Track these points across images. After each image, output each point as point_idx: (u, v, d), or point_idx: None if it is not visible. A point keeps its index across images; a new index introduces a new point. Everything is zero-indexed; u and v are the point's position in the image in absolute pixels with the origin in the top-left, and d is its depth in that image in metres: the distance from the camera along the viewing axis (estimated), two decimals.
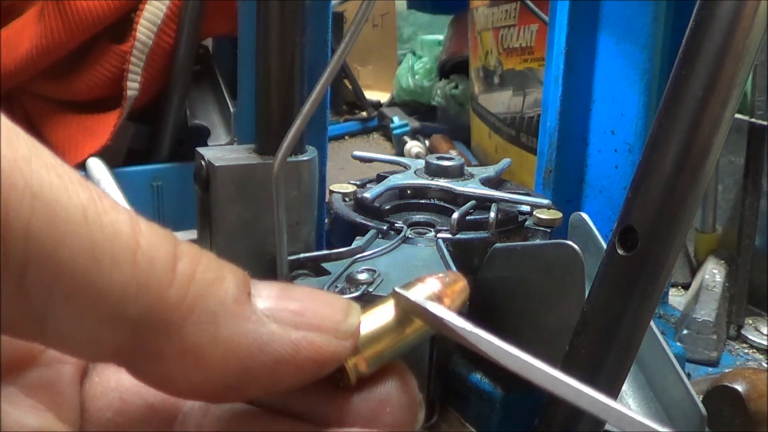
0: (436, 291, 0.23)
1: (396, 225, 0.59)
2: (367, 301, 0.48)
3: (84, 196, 0.19)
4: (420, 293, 0.23)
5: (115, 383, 0.24)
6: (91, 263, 0.18)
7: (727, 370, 0.67)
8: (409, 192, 0.64)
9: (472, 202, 0.61)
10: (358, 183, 0.67)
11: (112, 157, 0.98)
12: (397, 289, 0.23)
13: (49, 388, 0.23)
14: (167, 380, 0.20)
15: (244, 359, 0.20)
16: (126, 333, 0.19)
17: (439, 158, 0.66)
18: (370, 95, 1.78)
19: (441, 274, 0.24)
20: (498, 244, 0.55)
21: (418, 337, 0.23)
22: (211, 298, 0.20)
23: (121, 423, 0.24)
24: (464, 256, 0.56)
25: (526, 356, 0.22)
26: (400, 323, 0.23)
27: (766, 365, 0.78)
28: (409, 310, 0.23)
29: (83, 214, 0.18)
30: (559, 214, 0.61)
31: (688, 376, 0.61)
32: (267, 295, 0.21)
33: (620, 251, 0.37)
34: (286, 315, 0.21)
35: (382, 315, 0.23)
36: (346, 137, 1.64)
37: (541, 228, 0.61)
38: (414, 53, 1.79)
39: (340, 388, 0.23)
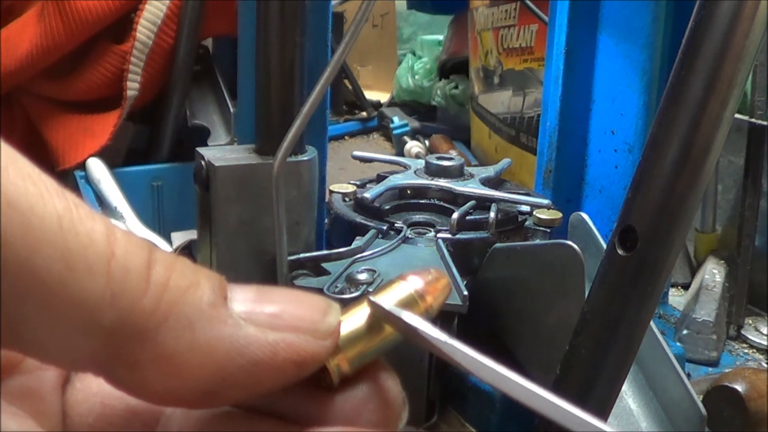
0: (418, 289, 0.23)
1: (396, 225, 0.59)
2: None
3: (60, 204, 0.19)
4: (402, 291, 0.23)
5: (97, 388, 0.24)
6: (65, 272, 0.18)
7: (727, 370, 0.67)
8: (409, 192, 0.64)
9: (472, 202, 0.61)
10: (358, 183, 0.67)
11: (112, 157, 0.98)
12: (371, 298, 0.23)
13: (31, 395, 0.23)
14: (145, 388, 0.20)
15: (221, 363, 0.20)
16: (101, 341, 0.19)
17: (439, 158, 0.66)
18: (370, 95, 1.78)
19: (423, 272, 0.24)
20: (498, 244, 0.55)
21: (400, 335, 0.23)
22: (185, 305, 0.20)
23: (103, 428, 0.24)
24: (464, 256, 0.56)
25: (502, 369, 0.22)
26: (380, 323, 0.23)
27: (766, 365, 0.78)
28: (382, 319, 0.23)
29: (58, 223, 0.18)
30: (559, 214, 0.61)
31: (688, 376, 0.61)
32: (243, 299, 0.21)
33: (620, 251, 0.37)
34: (263, 317, 0.21)
35: (364, 314, 0.23)
36: (346, 137, 1.64)
37: (541, 228, 0.61)
38: (414, 53, 1.79)
39: (322, 388, 0.23)
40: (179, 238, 0.93)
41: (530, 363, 0.52)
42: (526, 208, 0.63)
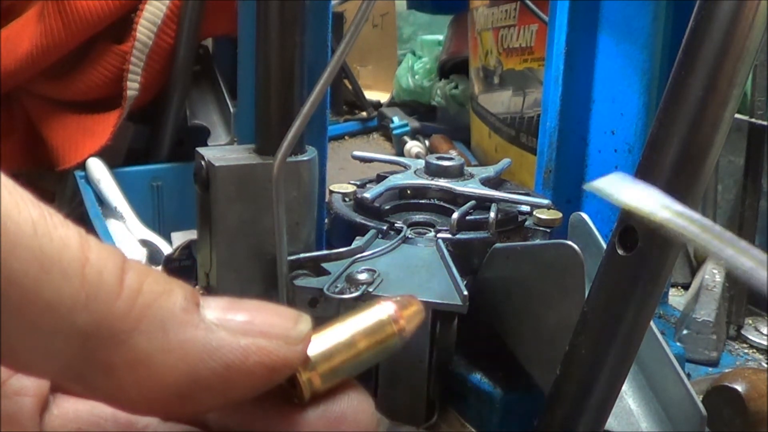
0: (391, 313, 0.24)
1: (396, 225, 0.59)
2: (367, 301, 0.48)
3: (35, 212, 0.19)
4: (375, 315, 0.24)
5: (74, 415, 0.24)
6: (40, 275, 0.19)
7: (727, 370, 0.67)
8: (409, 192, 0.64)
9: (472, 202, 0.61)
10: (358, 183, 0.67)
11: (112, 157, 0.98)
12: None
13: (8, 421, 0.23)
14: (120, 393, 0.20)
15: (194, 366, 0.20)
16: (76, 345, 0.19)
17: (439, 158, 0.66)
18: (370, 95, 1.78)
19: (397, 297, 0.24)
20: (498, 244, 0.55)
21: (373, 354, 0.24)
22: (159, 309, 0.20)
23: None
24: (464, 256, 0.56)
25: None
26: (354, 340, 0.23)
27: (766, 365, 0.78)
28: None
29: (33, 228, 0.19)
30: (559, 214, 0.61)
31: (688, 376, 0.61)
32: (215, 306, 0.22)
33: (620, 251, 0.37)
34: (235, 324, 0.21)
35: (338, 331, 0.24)
36: (346, 137, 1.64)
37: (541, 228, 0.61)
38: (414, 53, 1.79)
39: (293, 405, 0.23)
40: (179, 238, 0.93)
41: (530, 363, 0.52)
42: (526, 208, 0.63)
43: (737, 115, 0.72)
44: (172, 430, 0.24)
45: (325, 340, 0.23)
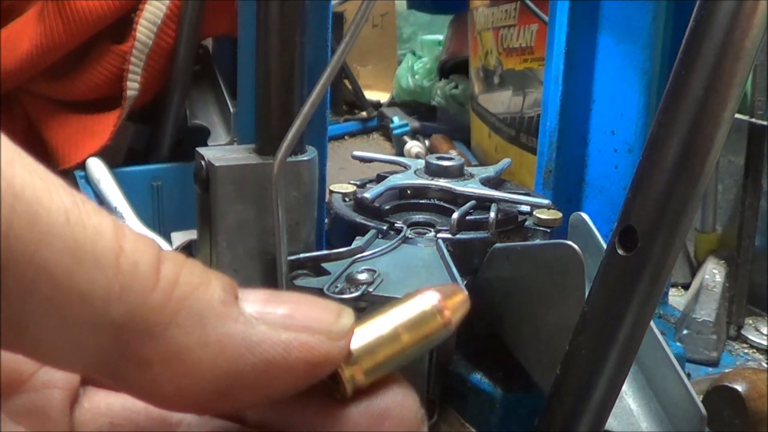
0: (435, 303, 0.23)
1: (396, 225, 0.59)
2: (367, 300, 0.48)
3: (67, 200, 0.19)
4: (419, 306, 0.23)
5: (105, 408, 0.24)
6: (73, 265, 0.18)
7: (727, 370, 0.67)
8: (409, 192, 0.64)
9: (472, 202, 0.61)
10: (358, 183, 0.67)
11: (112, 157, 0.98)
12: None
13: (37, 414, 0.23)
14: (154, 388, 0.20)
15: (233, 362, 0.20)
16: (109, 338, 0.19)
17: (439, 158, 0.66)
18: (370, 95, 1.78)
19: (440, 286, 0.23)
20: (498, 244, 0.55)
21: (418, 347, 0.23)
22: (196, 301, 0.20)
23: None
24: (464, 256, 0.56)
25: None
26: (398, 332, 0.23)
27: (766, 365, 0.78)
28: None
29: (66, 216, 0.18)
30: (559, 214, 0.61)
31: (688, 376, 0.61)
32: (255, 299, 0.21)
33: (620, 251, 0.37)
34: (276, 317, 0.21)
35: (381, 324, 0.23)
36: (346, 137, 1.64)
37: (541, 228, 0.61)
38: (414, 53, 1.79)
39: (335, 401, 0.22)
40: (179, 238, 0.93)
41: (530, 363, 0.52)
42: (526, 208, 0.63)
43: (737, 115, 0.72)
44: (208, 426, 0.23)
45: (368, 334, 0.22)
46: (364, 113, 1.70)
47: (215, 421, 0.23)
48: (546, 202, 0.62)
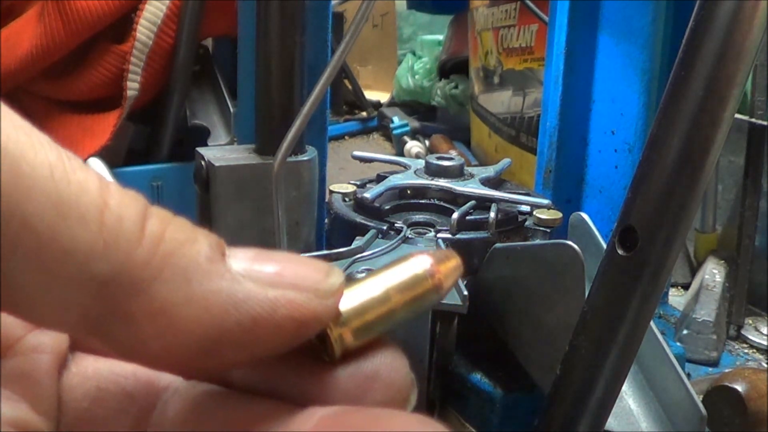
0: (427, 267, 0.23)
1: (396, 225, 0.59)
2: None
3: (52, 155, 0.18)
4: (411, 269, 0.23)
5: (93, 372, 0.24)
6: (57, 220, 0.18)
7: (727, 370, 0.67)
8: (409, 192, 0.64)
9: (472, 202, 0.61)
10: (358, 183, 0.67)
11: (112, 157, 0.98)
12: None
13: (25, 378, 0.22)
14: (139, 345, 0.19)
15: (218, 318, 0.19)
16: (93, 293, 0.19)
17: (439, 158, 0.66)
18: (370, 95, 1.78)
19: (432, 250, 0.23)
20: (498, 244, 0.55)
21: (408, 310, 0.23)
22: (182, 257, 0.19)
23: (98, 413, 0.23)
24: (464, 256, 0.56)
25: None
26: (389, 295, 0.22)
27: (766, 365, 0.78)
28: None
29: (50, 171, 0.18)
30: (559, 214, 0.61)
31: (688, 376, 0.61)
32: (243, 257, 0.21)
33: (620, 251, 0.37)
34: (263, 275, 0.21)
35: (371, 286, 0.23)
36: (346, 137, 1.64)
37: (541, 228, 0.61)
38: (414, 53, 1.79)
39: (323, 363, 0.22)
40: None
41: (530, 363, 0.52)
42: (526, 208, 0.63)
43: (737, 115, 0.72)
44: (196, 390, 0.23)
45: (358, 295, 0.22)
46: (364, 113, 1.70)
47: (202, 385, 0.23)
48: (546, 202, 0.62)
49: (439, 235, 0.58)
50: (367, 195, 0.60)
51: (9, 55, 0.96)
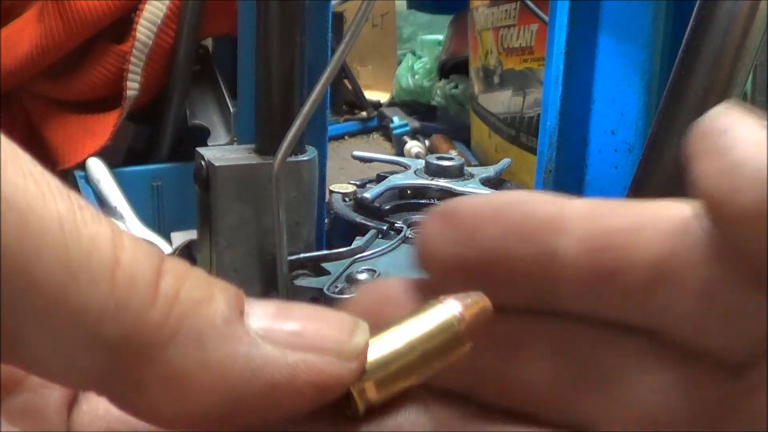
0: (455, 314, 0.21)
1: (396, 225, 0.59)
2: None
3: (62, 206, 0.17)
4: (437, 317, 0.21)
5: (104, 411, 0.22)
6: (66, 280, 0.17)
7: None
8: (409, 192, 0.64)
9: None
10: (358, 183, 0.67)
11: (112, 157, 0.98)
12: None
13: (33, 415, 0.22)
14: (152, 410, 0.18)
15: (235, 385, 0.18)
16: (104, 358, 0.18)
17: (439, 158, 0.66)
18: (370, 95, 1.77)
19: (461, 294, 0.21)
20: None
21: (436, 363, 0.21)
22: (197, 319, 0.18)
23: None
24: None
25: None
26: (414, 345, 0.21)
27: None
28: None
29: (60, 226, 0.17)
30: None
31: None
32: (262, 314, 0.19)
33: None
34: (283, 335, 0.19)
35: (396, 337, 0.21)
36: (346, 137, 1.64)
37: None
38: (414, 53, 1.79)
39: (346, 418, 0.20)
40: (179, 238, 0.93)
41: None
42: None
43: None
44: None
45: (381, 346, 0.21)
46: (364, 113, 1.70)
47: None
48: None
49: None
50: (367, 195, 0.60)
51: (9, 55, 0.96)
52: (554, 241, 0.20)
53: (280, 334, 0.19)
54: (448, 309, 0.21)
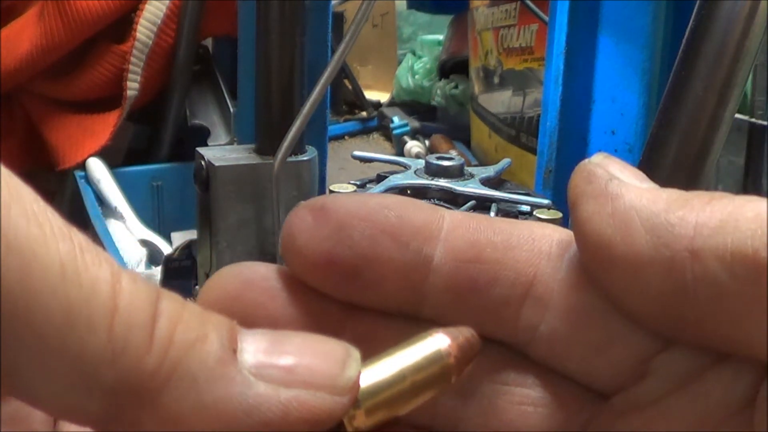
0: (444, 347, 0.21)
1: None
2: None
3: (64, 249, 0.17)
4: (426, 349, 0.22)
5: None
6: (65, 325, 0.17)
7: None
8: (409, 192, 0.64)
9: (472, 202, 0.61)
10: (358, 183, 0.67)
11: (112, 157, 0.98)
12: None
13: (21, 422, 0.22)
14: None
15: (229, 425, 0.19)
16: (102, 400, 0.18)
17: (439, 158, 0.66)
18: (370, 95, 1.78)
19: (452, 329, 0.22)
20: None
21: (424, 392, 0.22)
22: (191, 361, 0.19)
23: None
24: None
25: None
26: (404, 375, 0.21)
27: None
28: None
29: (61, 271, 0.17)
30: (559, 214, 0.61)
31: None
32: (255, 350, 0.20)
33: None
34: (276, 372, 0.20)
35: (385, 366, 0.22)
36: (346, 137, 1.64)
37: None
38: (414, 53, 1.79)
39: None
40: (179, 238, 0.93)
41: None
42: (526, 208, 0.63)
43: (737, 115, 0.72)
44: None
45: (372, 374, 0.21)
46: (364, 113, 1.70)
47: None
48: (546, 202, 0.62)
49: None
50: None
51: (9, 55, 0.96)
52: (428, 249, 0.21)
53: (272, 371, 0.19)
54: (438, 342, 0.22)
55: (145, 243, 0.89)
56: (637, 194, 0.20)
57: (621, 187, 0.20)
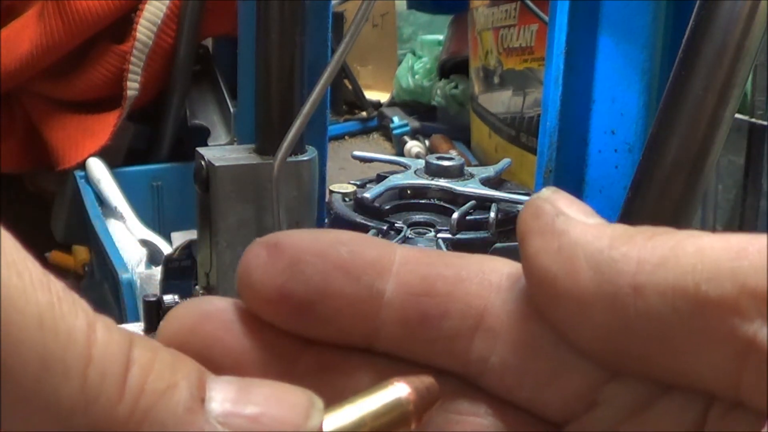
0: (404, 396, 0.22)
1: (396, 225, 0.59)
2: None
3: (43, 299, 0.18)
4: (387, 397, 0.22)
5: None
6: (41, 374, 0.18)
7: None
8: (409, 192, 0.64)
9: (472, 202, 0.61)
10: (358, 183, 0.67)
11: (112, 157, 0.98)
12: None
13: None
14: None
15: None
16: None
17: (439, 158, 0.66)
18: (370, 95, 1.78)
19: (412, 377, 0.23)
20: (498, 244, 0.55)
21: None
22: (161, 410, 0.19)
23: None
24: None
25: None
26: (365, 421, 0.22)
27: None
28: None
29: (39, 320, 0.18)
30: None
31: None
32: (223, 399, 0.20)
33: None
34: (242, 422, 0.20)
35: (347, 412, 0.22)
36: (346, 137, 1.64)
37: None
38: (414, 53, 1.79)
39: None
40: (179, 238, 0.93)
41: None
42: None
43: (737, 115, 0.72)
44: None
45: (334, 422, 0.22)
46: (364, 113, 1.70)
47: None
48: None
49: (439, 235, 0.58)
50: (367, 195, 0.60)
51: (9, 55, 0.96)
52: (379, 283, 0.22)
53: (239, 420, 0.20)
54: (398, 391, 0.22)
55: (145, 243, 0.89)
56: (583, 230, 0.21)
57: (567, 224, 0.21)
